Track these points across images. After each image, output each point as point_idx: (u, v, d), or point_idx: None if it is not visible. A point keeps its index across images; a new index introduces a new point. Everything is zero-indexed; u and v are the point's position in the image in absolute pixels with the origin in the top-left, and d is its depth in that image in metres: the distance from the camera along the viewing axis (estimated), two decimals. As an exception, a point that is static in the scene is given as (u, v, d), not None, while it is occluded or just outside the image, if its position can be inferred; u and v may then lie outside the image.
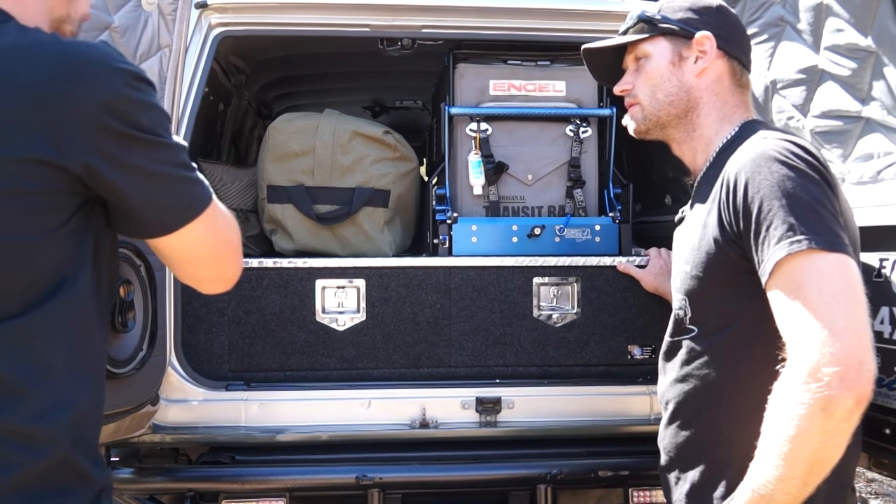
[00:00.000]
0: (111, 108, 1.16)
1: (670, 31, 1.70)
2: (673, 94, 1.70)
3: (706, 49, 1.66)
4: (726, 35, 1.67)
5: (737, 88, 1.69)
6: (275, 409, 2.40)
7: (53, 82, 1.13)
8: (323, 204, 2.70)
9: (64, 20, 1.33)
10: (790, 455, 1.26)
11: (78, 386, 1.23)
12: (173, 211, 1.26)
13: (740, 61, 1.69)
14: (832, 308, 1.28)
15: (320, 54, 3.52)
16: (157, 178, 1.23)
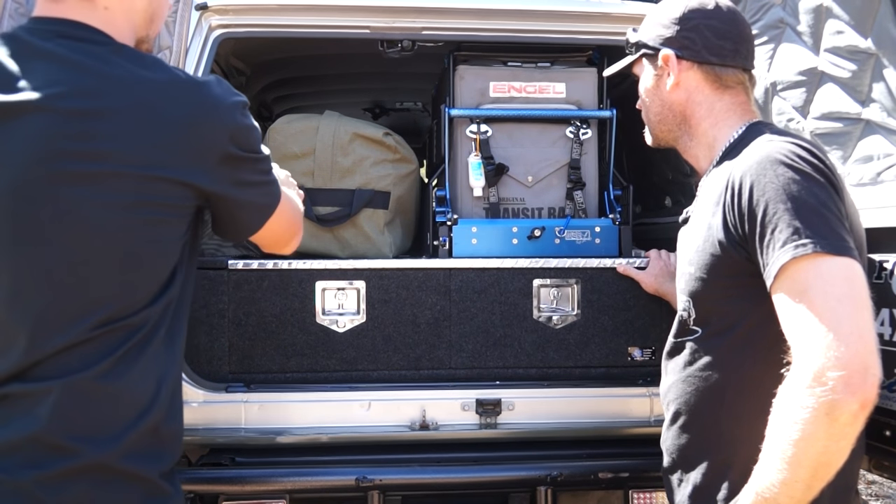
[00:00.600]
0: (234, 138, 1.38)
1: (646, 53, 1.74)
2: (659, 113, 1.75)
3: (669, 66, 1.68)
4: (691, 44, 1.66)
5: (723, 91, 1.68)
6: (275, 411, 2.40)
7: (192, 118, 1.34)
8: (323, 205, 2.70)
9: (144, 40, 1.50)
10: (794, 459, 1.26)
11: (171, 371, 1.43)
12: (264, 210, 1.50)
13: (714, 64, 1.66)
14: (837, 312, 1.28)
15: (320, 56, 3.52)
16: (259, 188, 1.48)
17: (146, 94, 1.32)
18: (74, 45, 1.33)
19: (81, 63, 1.32)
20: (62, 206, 1.29)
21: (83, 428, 1.29)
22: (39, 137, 1.28)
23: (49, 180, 1.28)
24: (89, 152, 1.28)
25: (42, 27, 1.35)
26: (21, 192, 1.28)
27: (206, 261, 2.49)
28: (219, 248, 2.82)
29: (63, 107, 1.28)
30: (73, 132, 1.28)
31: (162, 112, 1.32)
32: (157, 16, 1.51)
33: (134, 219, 1.32)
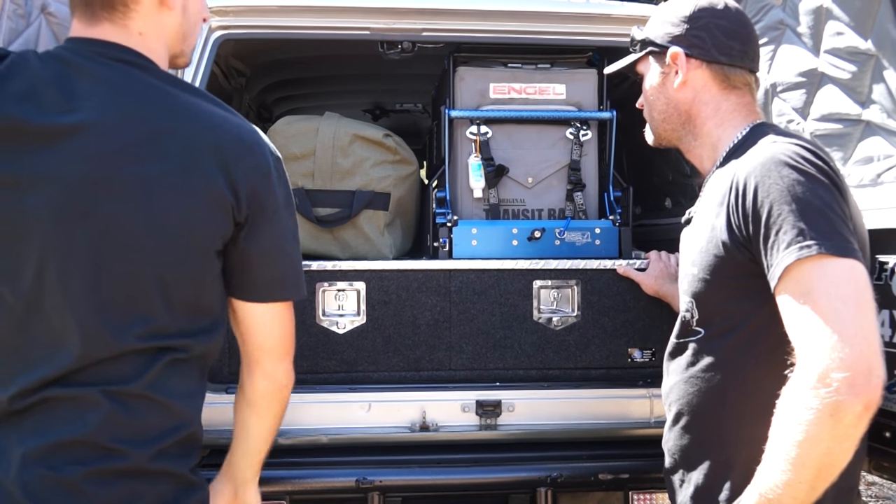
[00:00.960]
0: (267, 178, 1.45)
1: (653, 51, 1.73)
2: (664, 112, 1.74)
3: (678, 64, 1.67)
4: (700, 43, 1.66)
5: (729, 91, 1.68)
6: (275, 412, 2.39)
7: (237, 153, 1.41)
8: (323, 207, 2.70)
9: (179, 55, 1.54)
10: (798, 460, 1.26)
11: None
12: (282, 281, 1.51)
13: (723, 63, 1.66)
14: (841, 313, 1.28)
15: (320, 57, 3.52)
16: (280, 249, 1.50)
17: (192, 120, 1.39)
18: (118, 67, 1.39)
19: (128, 86, 1.38)
20: (117, 220, 1.34)
21: (131, 434, 1.36)
22: (96, 154, 1.33)
23: (104, 194, 1.33)
24: (141, 172, 1.34)
25: (85, 48, 1.40)
26: (78, 206, 1.33)
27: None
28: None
29: (115, 127, 1.34)
30: (124, 152, 1.34)
31: (207, 141, 1.39)
32: (190, 33, 1.55)
33: (184, 236, 1.38)
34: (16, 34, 1.81)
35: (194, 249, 1.39)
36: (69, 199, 1.32)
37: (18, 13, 1.81)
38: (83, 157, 1.32)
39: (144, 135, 1.35)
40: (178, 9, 1.48)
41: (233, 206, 1.40)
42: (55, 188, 1.32)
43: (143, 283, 1.36)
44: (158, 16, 1.45)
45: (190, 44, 1.56)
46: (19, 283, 1.33)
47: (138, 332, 1.35)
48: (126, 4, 1.41)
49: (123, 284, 1.35)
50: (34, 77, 1.34)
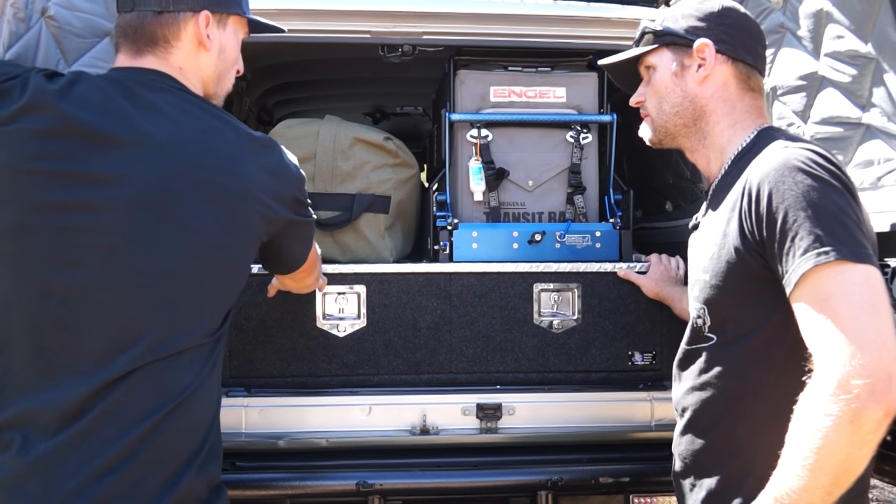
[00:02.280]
0: (300, 189, 1.69)
1: (672, 42, 1.70)
2: (678, 105, 1.70)
3: (706, 56, 1.66)
4: (728, 39, 1.66)
5: (746, 92, 1.67)
6: (275, 416, 2.40)
7: (276, 171, 1.62)
8: (323, 210, 2.70)
9: (212, 96, 1.67)
10: (816, 466, 1.25)
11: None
12: (304, 252, 1.84)
13: (747, 63, 1.67)
14: (860, 320, 1.27)
15: (321, 61, 3.53)
16: (304, 232, 1.80)
17: (231, 140, 1.54)
18: (169, 92, 1.53)
19: (180, 109, 1.52)
20: (174, 224, 1.47)
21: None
22: (157, 167, 1.45)
23: (168, 200, 1.46)
24: (200, 179, 1.48)
25: (136, 75, 1.54)
26: (147, 207, 1.44)
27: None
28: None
29: (173, 145, 1.47)
30: (183, 164, 1.47)
31: (251, 158, 1.56)
32: (224, 76, 1.68)
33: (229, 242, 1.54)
34: (16, 38, 1.81)
35: (234, 253, 1.55)
36: (143, 197, 1.43)
37: (18, 17, 1.81)
38: (157, 164, 1.45)
39: (203, 152, 1.49)
40: (215, 51, 1.62)
41: (271, 213, 1.59)
42: (128, 187, 1.43)
43: (193, 285, 1.48)
44: (196, 55, 1.60)
45: (224, 87, 1.69)
46: (79, 273, 1.40)
47: (199, 329, 1.48)
48: (168, 41, 1.56)
49: (178, 285, 1.47)
50: (102, 91, 1.47)
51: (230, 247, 1.53)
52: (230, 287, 1.57)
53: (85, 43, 1.99)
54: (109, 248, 1.41)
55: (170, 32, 1.56)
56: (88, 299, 1.39)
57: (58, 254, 1.39)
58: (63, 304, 1.38)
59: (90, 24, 1.99)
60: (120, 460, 1.36)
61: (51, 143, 1.41)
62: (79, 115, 1.42)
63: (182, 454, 1.44)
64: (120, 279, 1.41)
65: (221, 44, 1.64)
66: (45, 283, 1.38)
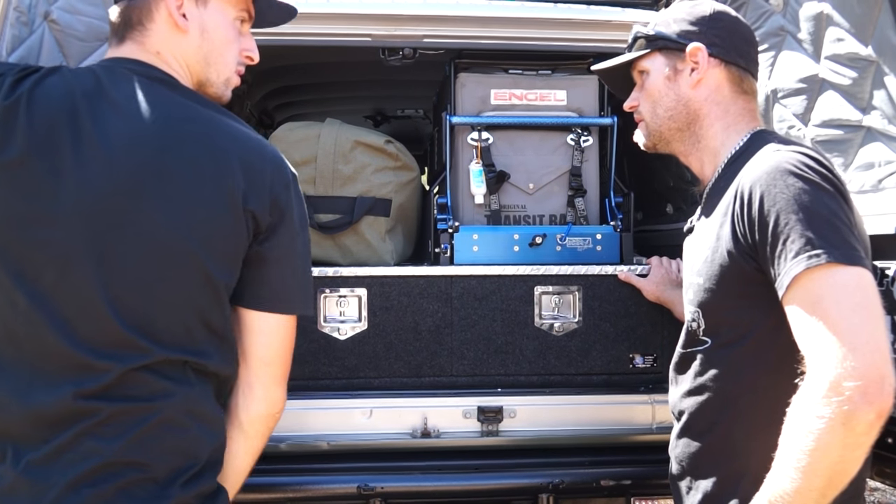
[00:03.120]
0: (288, 190, 1.48)
1: (665, 46, 1.71)
2: (672, 109, 1.72)
3: (699, 60, 1.67)
4: (721, 42, 1.67)
5: (739, 95, 1.68)
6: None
7: (261, 164, 1.46)
8: (324, 213, 2.70)
9: (206, 84, 1.55)
10: (809, 468, 1.26)
11: None
12: (295, 294, 1.52)
13: (740, 66, 1.68)
14: (852, 322, 1.27)
15: (322, 64, 3.53)
16: (294, 261, 1.51)
17: (216, 132, 1.44)
18: (143, 83, 1.44)
19: (153, 100, 1.42)
20: (141, 225, 1.38)
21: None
22: (124, 163, 1.37)
23: (131, 200, 1.37)
24: (166, 179, 1.38)
25: (114, 65, 1.47)
26: (105, 212, 1.36)
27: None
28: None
29: (142, 138, 1.39)
30: (150, 161, 1.38)
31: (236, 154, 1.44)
32: (216, 60, 1.55)
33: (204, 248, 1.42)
34: (19, 41, 1.82)
35: (220, 253, 1.42)
36: (97, 204, 1.36)
37: (21, 21, 1.82)
38: (111, 166, 1.36)
39: (169, 144, 1.39)
40: (195, 32, 1.51)
41: (255, 215, 1.43)
42: (86, 194, 1.35)
43: (156, 296, 1.39)
44: (174, 37, 1.50)
45: (220, 72, 1.56)
46: (38, 287, 1.35)
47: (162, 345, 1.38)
48: (142, 23, 1.48)
49: (151, 289, 1.38)
50: (64, 93, 1.39)
51: (196, 254, 1.40)
52: (204, 298, 1.42)
53: (87, 46, 2.00)
54: (64, 261, 1.35)
55: (143, 14, 1.48)
56: (49, 313, 1.34)
57: (23, 268, 1.34)
58: (27, 316, 1.34)
59: (92, 27, 2.00)
60: (98, 474, 1.33)
61: (10, 151, 1.35)
62: (37, 121, 1.36)
63: (165, 469, 1.38)
64: (76, 293, 1.35)
65: (203, 23, 1.51)
66: (14, 296, 1.35)
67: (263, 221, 1.44)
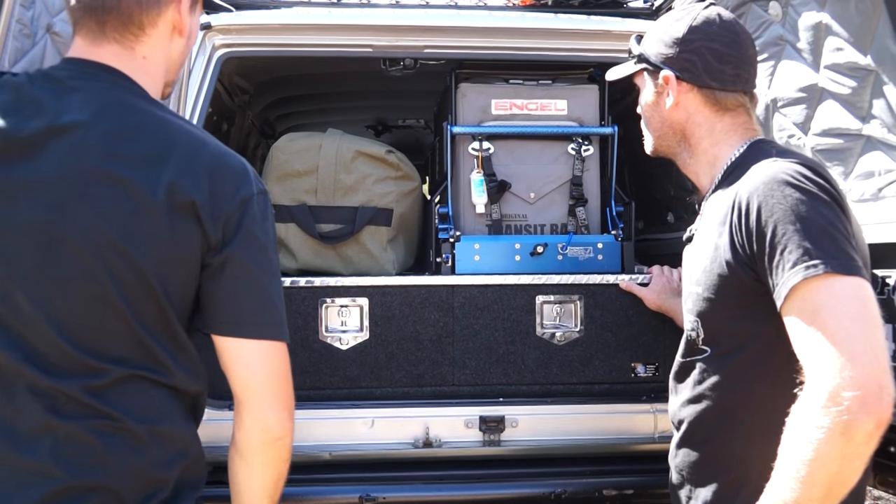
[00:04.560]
0: (247, 205, 1.39)
1: (647, 68, 1.74)
2: (658, 129, 1.76)
3: (670, 88, 1.68)
4: (691, 67, 1.65)
5: (723, 113, 1.67)
6: (278, 429, 2.39)
7: (219, 174, 1.38)
8: (326, 223, 2.71)
9: (170, 84, 1.53)
10: (808, 478, 1.25)
11: None
12: (258, 317, 1.40)
13: (715, 88, 1.65)
14: (850, 332, 1.27)
15: (323, 74, 3.55)
16: (257, 282, 1.40)
17: (180, 140, 1.37)
18: (110, 90, 1.37)
19: (114, 103, 1.36)
20: (82, 234, 1.31)
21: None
22: (69, 163, 1.31)
23: (74, 207, 1.30)
24: (112, 183, 1.31)
25: (77, 68, 1.39)
26: (46, 221, 1.30)
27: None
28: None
29: (94, 129, 1.32)
30: (98, 162, 1.31)
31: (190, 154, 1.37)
32: (185, 61, 1.56)
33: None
34: (21, 54, 1.83)
35: (167, 265, 1.33)
36: (37, 212, 1.30)
37: (24, 33, 1.83)
38: (58, 167, 1.31)
39: (117, 143, 1.32)
40: (185, 37, 1.50)
41: (207, 226, 1.34)
42: (31, 210, 1.30)
43: (105, 301, 1.31)
44: (169, 42, 1.46)
45: (176, 76, 1.55)
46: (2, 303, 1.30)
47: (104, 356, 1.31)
48: (142, 28, 1.40)
49: (88, 300, 1.31)
50: (19, 93, 1.34)
51: (134, 265, 1.31)
52: (151, 311, 1.34)
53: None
54: (12, 282, 1.30)
55: (147, 18, 1.40)
56: (7, 334, 1.30)
57: None
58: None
59: None
60: (58, 499, 1.27)
61: None
62: None
63: (131, 491, 1.31)
64: (25, 314, 1.29)
65: (191, 28, 1.51)
66: None
67: (215, 234, 1.35)
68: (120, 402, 1.31)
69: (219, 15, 2.61)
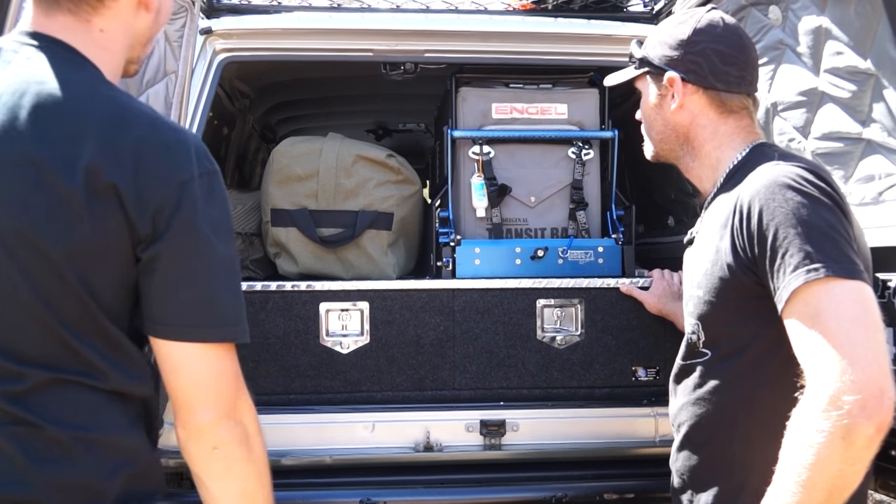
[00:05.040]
0: (185, 188, 1.22)
1: (650, 71, 1.73)
2: (661, 132, 1.75)
3: (675, 89, 1.68)
4: (697, 69, 1.65)
5: (727, 115, 1.67)
6: (279, 433, 2.39)
7: (150, 152, 1.21)
8: (326, 227, 2.71)
9: (134, 61, 1.41)
10: (809, 482, 1.25)
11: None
12: (197, 317, 1.25)
13: (720, 89, 1.66)
14: (851, 336, 1.28)
15: (324, 78, 3.55)
16: (197, 278, 1.25)
17: (100, 106, 1.23)
18: (42, 61, 1.25)
19: (44, 74, 1.23)
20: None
21: None
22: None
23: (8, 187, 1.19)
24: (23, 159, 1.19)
25: (22, 39, 1.28)
26: None
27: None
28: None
29: (15, 108, 1.20)
30: (22, 132, 1.19)
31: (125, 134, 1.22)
32: (153, 39, 1.43)
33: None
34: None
35: (89, 258, 1.20)
36: None
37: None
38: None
39: (36, 121, 1.19)
40: (154, 12, 1.37)
41: (133, 216, 1.19)
42: None
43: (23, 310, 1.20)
44: (133, 16, 1.34)
45: (148, 51, 1.43)
46: None
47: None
48: (102, 1, 1.29)
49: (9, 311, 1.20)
50: None
51: (46, 257, 1.18)
52: (71, 307, 1.21)
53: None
54: None
55: None
56: None
57: None
58: None
59: None
60: None
61: None
62: None
63: None
64: None
65: (161, 3, 1.38)
66: None
67: (143, 226, 1.20)
68: (44, 408, 1.20)
69: (220, 20, 2.62)
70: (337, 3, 2.86)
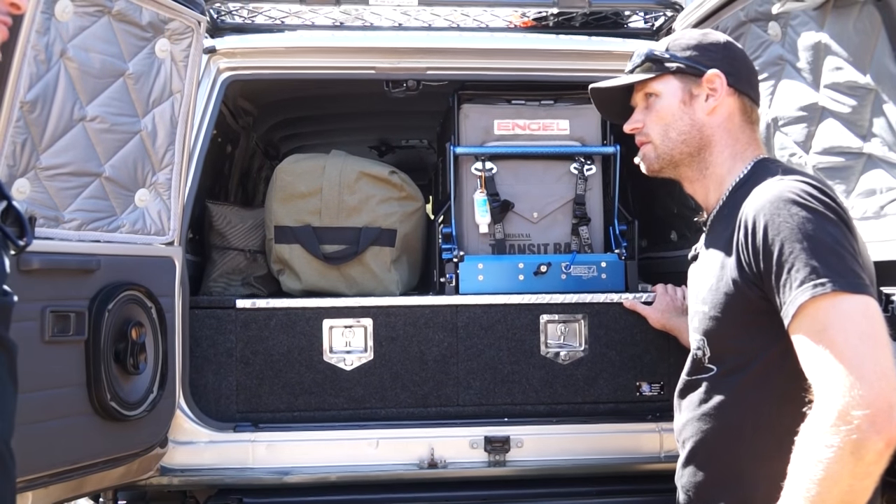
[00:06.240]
0: None
1: (679, 70, 1.70)
2: (685, 133, 1.69)
3: (717, 87, 1.66)
4: (735, 72, 1.67)
5: (747, 125, 1.69)
6: (283, 451, 2.39)
7: None
8: (330, 244, 2.72)
9: None
10: (818, 498, 1.25)
11: None
12: None
13: (750, 97, 1.69)
14: (859, 350, 1.28)
15: (327, 96, 3.58)
16: None
17: None
18: None
19: None
20: None
21: None
22: None
23: None
24: None
25: None
26: None
27: (214, 300, 2.51)
28: (226, 288, 2.83)
29: None
30: None
31: None
32: None
33: None
34: (36, 78, 1.85)
35: None
36: None
37: (39, 59, 1.85)
38: None
39: None
40: None
41: None
42: None
43: None
44: None
45: None
46: None
47: None
48: None
49: None
50: None
51: None
52: None
53: (101, 83, 2.03)
54: None
55: None
56: None
57: None
58: None
59: (107, 64, 2.04)
60: None
61: None
62: None
63: None
64: None
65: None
66: None
67: None
68: None
69: (223, 38, 2.65)
70: (339, 21, 2.89)
